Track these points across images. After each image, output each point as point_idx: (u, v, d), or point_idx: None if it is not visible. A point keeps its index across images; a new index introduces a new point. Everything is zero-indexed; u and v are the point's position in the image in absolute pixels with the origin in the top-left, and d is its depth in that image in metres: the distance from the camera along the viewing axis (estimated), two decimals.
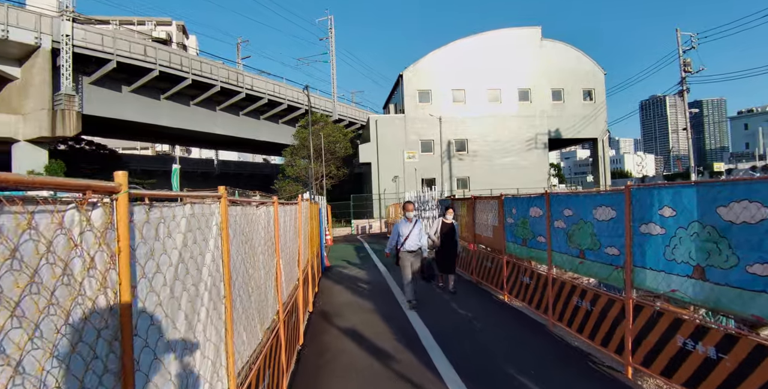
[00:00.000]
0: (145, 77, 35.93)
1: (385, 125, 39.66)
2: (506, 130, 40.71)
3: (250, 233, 3.43)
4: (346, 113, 57.68)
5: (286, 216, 5.34)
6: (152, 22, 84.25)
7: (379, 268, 14.03)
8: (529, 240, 7.84)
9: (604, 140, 42.99)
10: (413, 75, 40.06)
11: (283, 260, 4.88)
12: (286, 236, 5.30)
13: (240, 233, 3.05)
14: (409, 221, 8.47)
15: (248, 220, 3.37)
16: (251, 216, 3.48)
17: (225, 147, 63.14)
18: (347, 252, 19.49)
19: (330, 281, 11.91)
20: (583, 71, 42.23)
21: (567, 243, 6.54)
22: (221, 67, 41.27)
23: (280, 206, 4.96)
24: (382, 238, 27.80)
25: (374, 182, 39.40)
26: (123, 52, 33.93)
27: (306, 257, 7.88)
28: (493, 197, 9.67)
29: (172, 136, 47.57)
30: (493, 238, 9.59)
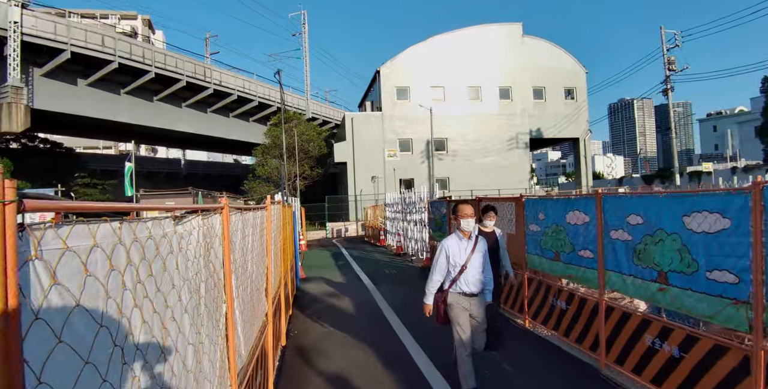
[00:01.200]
0: (103, 70, 33.31)
1: (361, 123, 37.79)
2: (487, 129, 39.29)
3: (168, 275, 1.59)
4: (320, 111, 55.62)
5: (247, 228, 3.47)
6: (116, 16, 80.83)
7: (362, 280, 12.18)
8: (565, 254, 6.11)
9: (586, 139, 42.00)
10: (390, 71, 38.31)
11: (240, 304, 3.01)
12: (247, 259, 3.43)
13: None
14: (465, 237, 4.78)
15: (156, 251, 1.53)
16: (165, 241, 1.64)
17: (192, 146, 60.36)
18: (324, 260, 17.56)
19: (307, 299, 10.01)
20: (564, 69, 41.16)
21: (634, 261, 4.82)
22: (187, 61, 38.80)
23: (236, 214, 3.10)
24: (360, 242, 25.93)
25: (350, 182, 37.49)
26: (78, 42, 31.28)
27: (277, 278, 5.99)
28: (508, 198, 7.94)
29: (135, 134, 44.64)
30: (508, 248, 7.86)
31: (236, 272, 2.94)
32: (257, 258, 3.93)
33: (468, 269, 4.67)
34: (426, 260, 13.97)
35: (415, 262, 15.37)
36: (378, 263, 15.95)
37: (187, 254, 1.91)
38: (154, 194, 19.69)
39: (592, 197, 5.55)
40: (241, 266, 3.13)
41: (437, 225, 12.34)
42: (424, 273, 13.04)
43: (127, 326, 1.26)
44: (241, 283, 3.13)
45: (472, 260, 4.68)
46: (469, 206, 4.83)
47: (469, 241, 4.75)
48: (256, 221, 3.94)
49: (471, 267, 4.68)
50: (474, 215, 4.77)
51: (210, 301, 2.25)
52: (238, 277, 3.02)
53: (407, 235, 17.26)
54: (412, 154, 38.33)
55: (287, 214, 9.31)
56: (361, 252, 19.86)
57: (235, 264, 2.93)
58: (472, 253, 4.69)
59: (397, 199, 19.12)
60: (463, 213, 4.74)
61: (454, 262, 4.71)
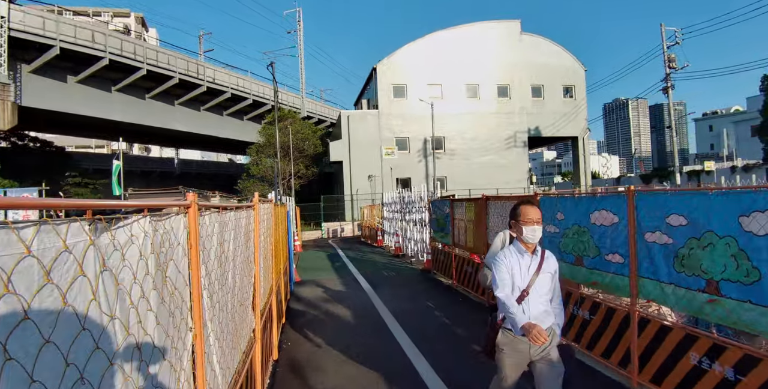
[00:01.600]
0: (94, 66, 32.53)
1: (357, 122, 37.12)
2: (485, 127, 38.70)
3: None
4: (316, 110, 54.92)
5: (227, 232, 2.84)
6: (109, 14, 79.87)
7: (360, 283, 11.54)
8: (588, 258, 5.50)
9: (585, 138, 41.49)
10: (387, 68, 37.65)
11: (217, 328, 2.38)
12: (227, 269, 2.81)
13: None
14: (528, 251, 3.45)
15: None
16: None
17: (186, 145, 59.59)
18: (320, 261, 16.91)
19: (301, 305, 9.37)
20: (563, 67, 40.62)
21: (675, 268, 4.22)
22: (180, 58, 38.04)
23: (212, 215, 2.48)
24: (356, 243, 25.29)
25: (346, 181, 36.82)
26: (67, 37, 30.50)
27: (268, 287, 5.35)
28: (522, 197, 7.33)
29: (126, 132, 43.81)
30: None
31: (211, 289, 2.31)
32: (242, 267, 3.30)
33: (531, 296, 3.36)
34: (427, 262, 13.32)
35: (416, 264, 14.74)
36: (376, 264, 15.32)
37: (118, 275, 1.27)
38: (143, 194, 19.00)
39: (622, 194, 4.94)
40: (218, 280, 2.49)
41: (439, 226, 11.72)
42: (425, 276, 12.44)
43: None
44: (219, 301, 2.49)
45: (536, 283, 3.36)
46: (534, 208, 3.42)
47: (533, 257, 3.40)
48: (240, 223, 3.30)
49: (535, 293, 3.37)
50: (539, 223, 3.42)
51: (162, 336, 1.62)
52: (214, 294, 2.39)
53: (406, 235, 16.64)
54: (409, 153, 37.71)
55: (280, 213, 8.67)
56: (358, 253, 19.24)
57: (209, 279, 2.30)
58: (537, 273, 3.37)
59: (396, 198, 18.49)
60: (528, 218, 3.35)
61: (512, 283, 3.39)
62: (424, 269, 13.23)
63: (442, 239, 11.59)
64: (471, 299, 9.32)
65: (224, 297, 2.64)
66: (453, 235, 10.50)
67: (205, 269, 2.22)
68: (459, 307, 8.74)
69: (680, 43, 36.20)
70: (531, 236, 3.36)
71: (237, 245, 3.14)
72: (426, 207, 13.66)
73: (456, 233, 10.33)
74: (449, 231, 10.73)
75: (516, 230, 3.45)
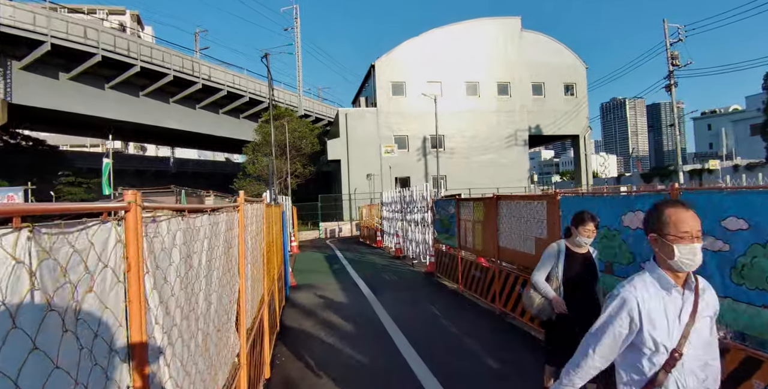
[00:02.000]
0: (86, 63, 31.80)
1: (355, 120, 36.47)
2: (485, 125, 38.11)
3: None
4: (313, 108, 54.24)
5: (197, 242, 2.21)
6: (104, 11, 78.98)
7: (360, 287, 10.92)
8: (621, 265, 4.88)
9: (586, 137, 40.93)
10: (386, 65, 37.01)
11: (181, 366, 1.74)
12: (197, 290, 2.18)
13: None
14: (678, 284, 2.00)
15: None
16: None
17: (181, 144, 58.85)
18: (317, 263, 16.27)
19: (297, 313, 8.73)
20: (564, 65, 40.05)
21: (732, 279, 3.60)
22: (175, 55, 37.31)
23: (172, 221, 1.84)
24: (355, 243, 24.66)
25: (344, 180, 36.16)
26: (59, 33, 29.76)
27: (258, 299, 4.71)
28: (538, 196, 6.72)
29: (120, 130, 43.15)
30: (535, 255, 6.63)
31: (167, 323, 1.67)
32: (220, 284, 2.66)
33: (687, 358, 1.97)
34: (430, 265, 12.68)
35: (418, 266, 14.10)
36: (376, 267, 14.68)
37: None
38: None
39: (663, 192, 4.34)
40: (181, 308, 1.86)
41: (444, 226, 11.09)
42: (428, 279, 11.80)
43: None
44: (182, 336, 1.86)
45: (693, 335, 1.98)
46: (692, 213, 1.99)
47: (686, 293, 2.02)
48: (219, 229, 2.67)
49: (694, 352, 1.98)
50: (698, 237, 1.98)
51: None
52: (174, 327, 1.76)
53: (407, 236, 16.02)
54: (408, 151, 37.08)
55: (274, 214, 8.04)
56: (357, 254, 18.60)
57: (164, 309, 1.66)
58: (693, 319, 1.99)
59: (396, 197, 17.86)
60: (684, 230, 1.94)
61: (653, 343, 1.98)
62: (427, 272, 12.61)
63: (446, 241, 10.96)
64: (480, 305, 8.69)
65: (191, 328, 2.00)
66: (459, 237, 9.88)
67: (158, 296, 1.59)
68: (467, 314, 8.11)
69: (683, 40, 35.69)
70: (690, 260, 1.94)
71: (213, 256, 2.51)
72: (429, 207, 13.04)
73: (462, 235, 9.70)
74: (455, 233, 10.11)
75: (659, 251, 2.03)
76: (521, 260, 7.14)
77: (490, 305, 8.33)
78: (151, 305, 1.52)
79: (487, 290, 8.44)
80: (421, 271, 13.15)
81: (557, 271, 4.17)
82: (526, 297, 4.03)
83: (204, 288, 2.27)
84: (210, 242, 2.43)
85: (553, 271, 4.20)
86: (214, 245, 2.55)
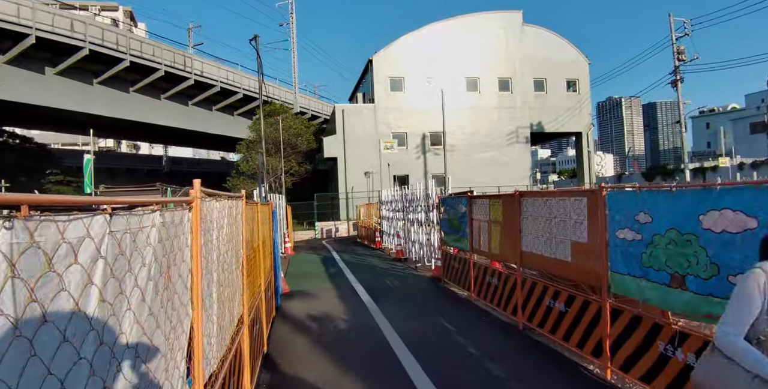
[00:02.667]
0: (73, 57, 30.60)
1: (352, 116, 35.33)
2: (486, 122, 37.03)
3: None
4: (309, 105, 53.09)
5: (96, 272, 1.07)
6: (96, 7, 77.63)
7: (359, 295, 9.84)
8: (698, 280, 3.81)
9: (589, 134, 39.92)
10: (384, 60, 35.88)
11: None
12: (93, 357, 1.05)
13: None
14: None
15: None
16: None
17: (173, 142, 57.67)
18: (312, 266, 15.18)
19: (288, 326, 7.64)
20: (566, 60, 39.00)
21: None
22: (166, 49, 36.11)
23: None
24: (352, 244, 23.60)
25: (341, 179, 35.02)
26: (44, 26, 28.57)
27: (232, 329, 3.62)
28: (577, 191, 5.66)
29: (110, 127, 41.97)
30: (571, 262, 5.57)
31: None
32: (156, 328, 1.58)
33: None
34: (436, 269, 11.61)
35: (421, 270, 13.01)
36: (376, 270, 13.60)
37: None
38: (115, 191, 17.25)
39: (761, 185, 3.28)
40: None
41: (453, 227, 10.01)
42: (434, 285, 10.73)
43: None
44: None
45: None
46: None
47: None
48: (143, 241, 1.59)
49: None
50: None
51: None
52: None
53: (409, 237, 14.94)
54: (407, 148, 35.97)
55: (261, 213, 6.96)
56: (355, 256, 17.51)
57: None
58: None
59: (396, 196, 16.78)
60: None
61: None
62: (433, 277, 11.53)
63: (455, 244, 9.89)
64: (497, 317, 7.62)
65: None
66: (471, 239, 8.81)
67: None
68: (485, 329, 7.04)
69: (690, 35, 34.77)
70: None
71: (125, 286, 1.43)
72: (434, 206, 11.97)
73: (475, 237, 8.63)
74: (466, 234, 9.04)
75: None
76: (552, 267, 6.07)
77: (510, 317, 7.27)
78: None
79: (507, 301, 7.38)
80: (426, 275, 12.07)
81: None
82: (710, 372, 2.41)
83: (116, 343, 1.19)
84: (129, 269, 1.35)
85: (763, 320, 2.29)
86: (131, 267, 1.47)
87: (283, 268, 14.77)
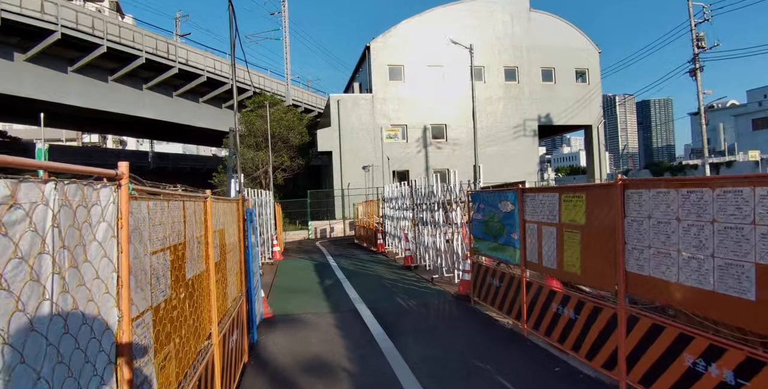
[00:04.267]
0: (44, 42, 27.87)
1: (348, 107, 32.74)
2: (491, 114, 34.58)
3: None
4: (302, 97, 50.44)
5: None
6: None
7: (367, 324, 7.32)
8: None
9: (600, 127, 37.57)
10: (382, 47, 33.32)
11: None
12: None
13: None
14: None
15: None
16: None
17: (160, 136, 54.87)
18: (303, 277, 12.64)
19: (264, 380, 5.16)
20: (576, 49, 36.57)
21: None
22: (147, 35, 33.41)
23: None
24: (350, 246, 21.10)
25: (336, 174, 32.45)
26: (11, 7, 25.88)
27: None
28: (749, 177, 3.20)
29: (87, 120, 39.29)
30: (756, 303, 3.12)
31: None
32: None
33: None
34: (463, 285, 8.99)
35: (439, 283, 10.46)
36: (382, 283, 11.04)
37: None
38: None
39: None
40: None
41: (488, 231, 7.46)
42: (464, 308, 8.05)
43: None
44: None
45: None
46: None
47: None
48: None
49: None
50: None
51: None
52: None
53: (422, 242, 12.46)
54: (407, 142, 33.43)
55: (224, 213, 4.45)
56: (354, 262, 14.99)
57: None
58: None
59: (404, 191, 14.30)
60: None
61: None
62: (459, 294, 8.98)
63: (493, 254, 7.38)
64: (575, 368, 5.14)
65: None
66: (525, 249, 6.33)
67: None
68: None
69: (710, 20, 32.47)
70: None
71: None
72: (457, 202, 9.49)
73: (531, 247, 6.15)
74: (513, 242, 6.55)
75: None
76: (702, 305, 3.58)
77: (602, 372, 4.78)
78: None
79: (595, 345, 4.91)
80: (449, 292, 9.51)
81: None
82: None
83: None
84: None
85: None
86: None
87: (270, 278, 12.27)
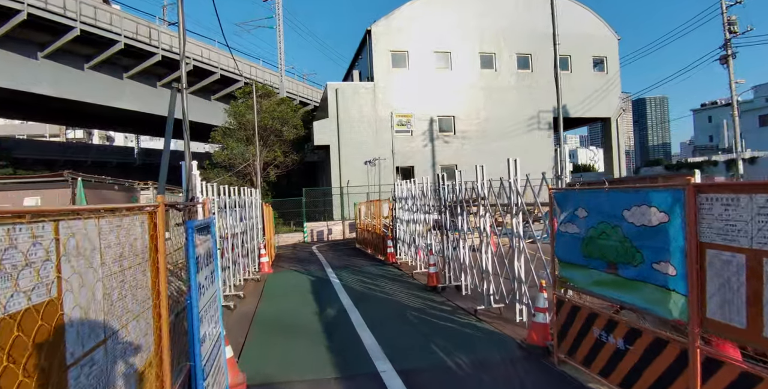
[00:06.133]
0: (9, 23, 24.88)
1: (348, 96, 29.79)
2: (503, 105, 31.74)
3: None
4: (297, 90, 47.47)
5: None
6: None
7: None
8: None
9: (619, 120, 34.82)
10: (385, 31, 30.39)
11: None
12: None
13: None
14: None
15: None
16: None
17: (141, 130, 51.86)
18: (296, 300, 9.73)
19: None
20: (593, 36, 33.80)
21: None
22: (126, 18, 30.34)
23: None
24: (351, 253, 18.19)
25: (334, 171, 29.51)
26: None
27: None
28: None
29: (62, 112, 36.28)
30: None
31: None
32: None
33: None
34: (536, 331, 5.92)
35: (488, 319, 7.42)
36: (406, 316, 8.01)
37: None
38: (7, 183, 11.89)
39: None
40: None
41: (600, 255, 4.41)
42: (541, 367, 4.91)
43: None
44: None
45: None
46: None
47: None
48: None
49: None
50: None
51: None
52: None
53: (457, 258, 9.58)
54: (412, 135, 30.54)
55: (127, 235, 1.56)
56: (361, 279, 12.06)
57: None
58: None
59: (425, 189, 11.42)
60: None
61: None
62: (530, 344, 5.94)
63: (605, 292, 4.44)
64: None
65: None
66: (703, 295, 3.46)
67: None
68: None
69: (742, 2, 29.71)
70: None
71: None
72: (518, 204, 6.64)
73: (731, 296, 3.27)
74: (662, 279, 3.66)
75: None
76: None
77: None
78: None
79: None
80: (508, 336, 6.48)
81: None
82: None
83: None
84: None
85: None
86: None
87: (253, 304, 9.40)
